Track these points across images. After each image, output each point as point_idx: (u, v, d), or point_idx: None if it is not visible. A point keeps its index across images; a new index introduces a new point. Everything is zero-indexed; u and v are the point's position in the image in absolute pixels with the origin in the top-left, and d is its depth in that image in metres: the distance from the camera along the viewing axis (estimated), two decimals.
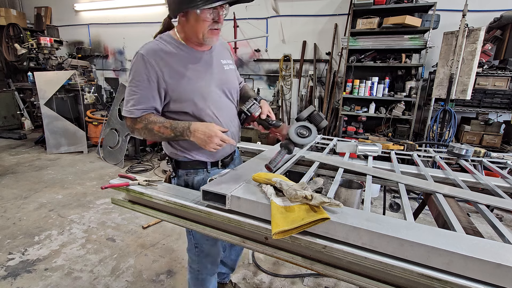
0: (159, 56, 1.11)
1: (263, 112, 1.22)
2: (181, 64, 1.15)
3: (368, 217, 0.80)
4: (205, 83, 1.19)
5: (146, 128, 1.14)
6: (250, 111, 1.21)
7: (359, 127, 4.39)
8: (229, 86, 1.28)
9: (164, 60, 1.12)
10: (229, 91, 1.29)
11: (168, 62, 1.12)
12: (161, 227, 2.73)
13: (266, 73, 5.31)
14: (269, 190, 0.93)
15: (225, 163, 1.35)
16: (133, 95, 1.13)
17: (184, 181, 1.29)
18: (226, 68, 1.28)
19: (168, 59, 1.13)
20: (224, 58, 1.30)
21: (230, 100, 1.30)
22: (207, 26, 1.08)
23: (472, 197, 1.10)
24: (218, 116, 1.23)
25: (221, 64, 1.27)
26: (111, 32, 6.45)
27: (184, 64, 1.15)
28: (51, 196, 3.34)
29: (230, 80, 1.29)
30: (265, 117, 1.22)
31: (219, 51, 1.29)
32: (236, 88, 1.35)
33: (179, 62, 1.14)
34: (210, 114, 1.21)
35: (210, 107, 1.20)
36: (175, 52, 1.15)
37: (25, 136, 5.93)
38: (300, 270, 2.16)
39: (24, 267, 2.15)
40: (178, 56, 1.15)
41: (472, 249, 0.67)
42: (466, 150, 1.62)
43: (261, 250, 0.91)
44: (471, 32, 3.23)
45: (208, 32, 1.10)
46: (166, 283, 2.04)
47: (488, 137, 3.68)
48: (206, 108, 1.19)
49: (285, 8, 4.91)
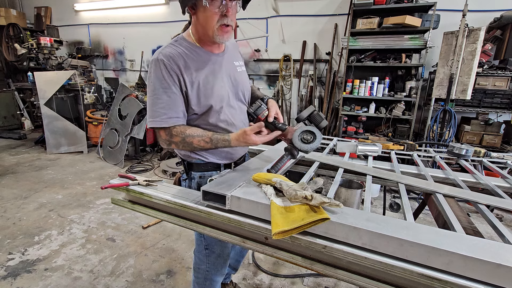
0: (178, 60, 1.10)
1: (270, 115, 1.16)
2: (198, 68, 1.13)
3: (368, 217, 0.80)
4: (221, 87, 1.18)
5: (185, 142, 1.13)
6: (257, 114, 1.18)
7: (359, 127, 4.39)
8: (243, 88, 1.28)
9: (183, 64, 1.11)
10: (242, 93, 1.29)
11: (187, 65, 1.11)
12: (161, 227, 2.73)
13: (266, 73, 5.31)
14: (269, 190, 0.93)
15: (238, 164, 1.34)
16: (160, 104, 1.09)
17: (197, 183, 1.27)
18: (239, 70, 1.28)
19: (186, 62, 1.11)
20: (236, 60, 1.30)
21: (242, 102, 1.30)
22: (216, 21, 1.05)
23: (472, 197, 1.10)
24: (232, 119, 1.23)
25: (234, 66, 1.27)
26: (111, 32, 6.45)
27: (201, 67, 1.14)
28: (51, 196, 3.34)
29: (243, 81, 1.29)
30: (272, 120, 1.16)
31: (232, 53, 1.29)
32: (248, 89, 1.34)
33: (196, 66, 1.13)
34: (225, 118, 1.21)
35: (225, 110, 1.20)
36: (191, 56, 1.13)
37: (25, 136, 5.93)
38: (300, 270, 2.16)
39: (24, 267, 2.15)
40: (194, 59, 1.14)
41: (472, 249, 0.66)
42: (466, 150, 1.62)
43: (261, 250, 0.91)
44: (471, 32, 3.23)
45: (218, 29, 1.07)
46: (166, 283, 2.04)
47: (488, 137, 3.68)
48: (221, 111, 1.19)
49: (285, 8, 4.91)
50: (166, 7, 5.73)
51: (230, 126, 1.24)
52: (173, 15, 5.67)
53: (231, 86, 1.23)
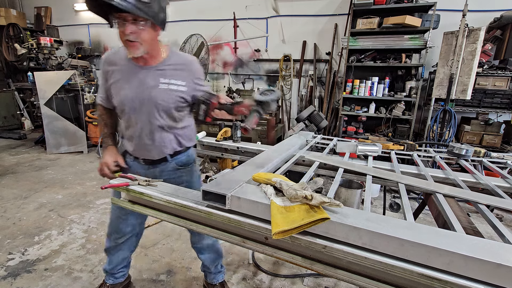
0: (107, 62, 1.38)
1: (221, 98, 1.30)
2: (118, 74, 1.35)
3: (368, 217, 0.80)
4: (126, 94, 1.33)
5: (98, 120, 1.56)
6: (210, 100, 1.28)
7: (359, 127, 4.39)
8: (157, 104, 1.33)
9: (110, 67, 1.37)
10: (156, 108, 1.34)
11: (113, 69, 1.36)
12: (161, 227, 2.73)
13: (266, 73, 5.31)
14: (269, 190, 0.93)
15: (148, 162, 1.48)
16: (100, 88, 1.46)
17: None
18: (160, 87, 1.32)
19: (112, 67, 1.36)
20: (170, 78, 1.33)
21: (154, 117, 1.36)
22: (123, 38, 1.18)
23: (472, 197, 1.10)
24: (131, 128, 1.40)
25: (158, 82, 1.32)
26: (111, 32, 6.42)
27: (120, 75, 1.34)
28: (51, 196, 3.34)
29: (160, 98, 1.32)
30: (224, 102, 1.29)
31: (170, 71, 1.34)
32: (167, 108, 1.36)
33: (118, 73, 1.35)
34: (128, 124, 1.41)
35: (130, 118, 1.37)
36: (118, 63, 1.36)
37: (25, 136, 5.93)
38: (300, 270, 2.16)
39: (24, 267, 2.15)
40: (119, 66, 1.35)
41: (472, 249, 0.66)
42: (466, 150, 1.62)
43: (261, 250, 0.91)
44: (471, 32, 3.23)
45: (125, 43, 1.20)
46: (166, 283, 2.04)
47: (488, 137, 3.68)
48: (123, 114, 1.40)
49: (285, 8, 4.91)
50: None
51: (128, 130, 1.43)
52: (173, 15, 5.67)
53: (141, 97, 1.32)
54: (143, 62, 1.32)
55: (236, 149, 1.90)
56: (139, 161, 1.49)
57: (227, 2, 5.21)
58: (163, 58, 1.34)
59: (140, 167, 1.49)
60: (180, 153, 1.51)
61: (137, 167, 1.50)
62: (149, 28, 1.19)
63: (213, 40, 5.26)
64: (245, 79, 5.33)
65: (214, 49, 5.47)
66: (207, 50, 4.07)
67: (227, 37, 5.35)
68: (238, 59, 5.41)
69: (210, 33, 5.32)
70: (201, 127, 4.44)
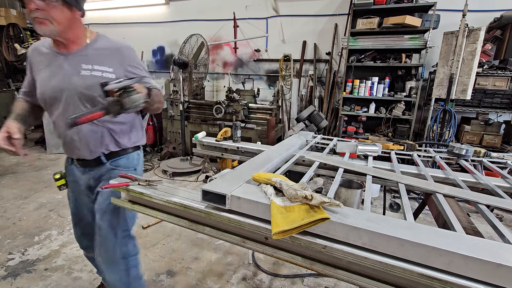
0: (34, 53, 1.32)
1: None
2: (41, 64, 1.29)
3: (368, 217, 0.80)
4: (49, 85, 1.25)
5: None
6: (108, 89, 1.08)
7: (359, 127, 4.39)
8: (78, 92, 1.23)
9: (35, 57, 1.31)
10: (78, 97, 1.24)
11: (37, 60, 1.30)
12: (161, 227, 2.73)
13: (266, 73, 5.31)
14: (269, 190, 0.93)
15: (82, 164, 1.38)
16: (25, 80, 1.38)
17: None
18: (83, 74, 1.23)
19: (37, 58, 1.30)
20: (93, 63, 1.24)
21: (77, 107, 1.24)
22: (29, 14, 1.11)
23: (472, 197, 1.10)
24: (56, 122, 1.31)
25: (80, 68, 1.23)
26: (111, 32, 6.45)
27: (43, 65, 1.28)
28: (51, 196, 3.34)
29: (82, 85, 1.22)
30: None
31: (94, 56, 1.25)
32: (91, 97, 1.24)
33: (41, 63, 1.29)
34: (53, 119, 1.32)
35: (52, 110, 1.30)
36: (43, 52, 1.29)
37: (25, 136, 5.92)
38: (300, 270, 2.16)
39: (24, 267, 2.15)
40: (43, 56, 1.29)
41: (472, 249, 0.66)
42: (466, 150, 1.62)
43: (261, 250, 0.91)
44: (471, 32, 3.23)
45: (33, 21, 1.12)
46: (166, 283, 2.04)
47: (488, 137, 3.68)
48: (49, 110, 1.32)
49: (285, 8, 4.91)
50: (166, 7, 5.73)
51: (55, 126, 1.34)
52: (173, 15, 5.67)
53: (61, 86, 1.23)
54: (64, 48, 1.25)
55: (236, 149, 1.90)
56: (75, 164, 1.40)
57: (227, 2, 5.21)
58: (87, 43, 1.27)
59: (77, 171, 1.41)
60: (119, 155, 1.38)
61: (74, 171, 1.42)
62: (61, 6, 1.11)
63: (213, 40, 5.26)
64: (245, 79, 5.33)
65: (214, 49, 5.47)
66: (207, 50, 4.07)
67: (227, 37, 5.35)
68: (238, 59, 5.41)
69: (210, 33, 5.32)
70: (201, 127, 4.43)
